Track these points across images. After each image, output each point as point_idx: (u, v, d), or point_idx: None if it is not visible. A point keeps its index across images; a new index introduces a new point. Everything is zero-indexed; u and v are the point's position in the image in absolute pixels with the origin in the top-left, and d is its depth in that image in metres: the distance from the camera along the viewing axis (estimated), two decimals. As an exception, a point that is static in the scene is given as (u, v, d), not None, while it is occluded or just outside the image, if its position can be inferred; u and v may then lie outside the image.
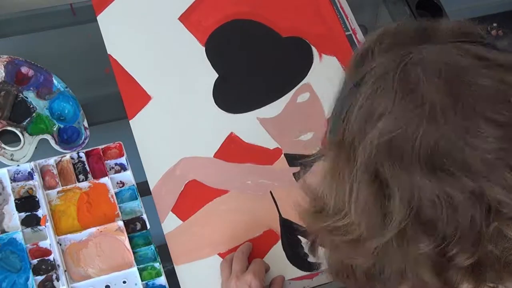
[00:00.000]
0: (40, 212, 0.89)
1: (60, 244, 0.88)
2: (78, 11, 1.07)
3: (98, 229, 0.90)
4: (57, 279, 0.86)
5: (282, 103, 1.05)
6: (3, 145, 0.93)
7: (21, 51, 1.00)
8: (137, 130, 0.99)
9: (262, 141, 1.02)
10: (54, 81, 1.00)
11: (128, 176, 0.95)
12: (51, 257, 0.87)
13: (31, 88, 0.98)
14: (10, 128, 0.94)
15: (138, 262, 0.89)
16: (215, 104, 1.03)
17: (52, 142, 0.95)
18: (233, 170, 0.99)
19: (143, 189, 0.94)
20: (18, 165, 0.92)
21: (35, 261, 0.86)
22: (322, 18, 1.14)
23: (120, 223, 0.90)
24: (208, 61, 1.06)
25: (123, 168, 0.95)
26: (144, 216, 0.92)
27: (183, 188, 0.96)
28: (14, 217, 0.88)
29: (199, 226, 0.94)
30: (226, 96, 1.04)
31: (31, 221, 0.89)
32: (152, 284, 0.89)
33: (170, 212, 0.94)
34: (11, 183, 0.90)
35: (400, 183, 0.51)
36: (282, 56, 1.10)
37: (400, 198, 0.51)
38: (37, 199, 0.90)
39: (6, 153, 0.93)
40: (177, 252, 0.92)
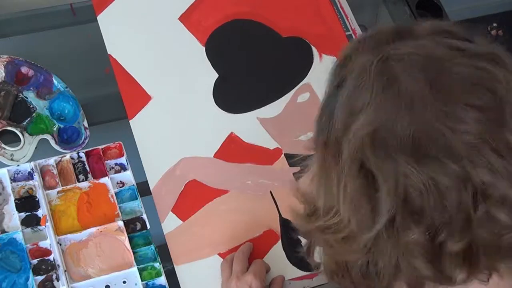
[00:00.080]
0: (40, 212, 0.89)
1: (60, 244, 0.88)
2: (78, 11, 1.07)
3: (98, 229, 0.90)
4: (57, 279, 0.86)
5: (282, 103, 1.05)
6: (3, 145, 0.93)
7: (21, 51, 1.00)
8: (137, 130, 0.99)
9: (262, 141, 1.02)
10: (54, 81, 1.00)
11: (128, 176, 0.95)
12: (51, 257, 0.87)
13: (31, 88, 0.98)
14: (10, 128, 0.94)
15: (138, 262, 0.89)
16: (215, 104, 1.03)
17: (52, 142, 0.95)
18: (233, 170, 0.99)
19: (143, 189, 0.94)
20: (18, 165, 0.92)
21: (35, 261, 0.86)
22: (322, 18, 1.14)
23: (120, 223, 0.90)
24: (208, 61, 1.06)
25: (123, 168, 0.95)
26: (144, 216, 0.92)
27: (183, 188, 0.96)
28: (14, 217, 0.88)
29: (199, 226, 0.94)
30: (226, 96, 1.04)
31: (31, 221, 0.89)
32: (152, 284, 0.89)
33: (170, 212, 0.94)
34: (11, 183, 0.90)
35: (385, 173, 0.51)
36: (282, 56, 1.10)
37: (387, 188, 0.51)
38: (37, 199, 0.90)
39: (6, 153, 0.93)
40: (177, 252, 0.92)
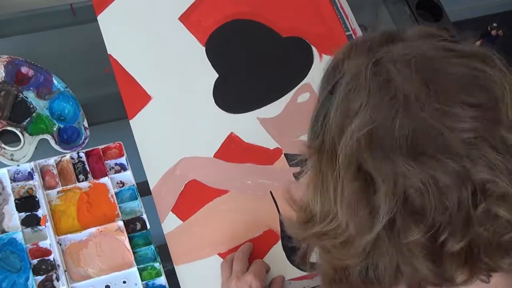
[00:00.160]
0: (40, 212, 0.89)
1: (60, 244, 0.88)
2: (78, 11, 1.07)
3: (98, 229, 0.90)
4: (57, 279, 0.86)
5: (282, 103, 1.05)
6: (3, 145, 0.93)
7: (21, 51, 1.00)
8: (137, 130, 0.99)
9: (262, 141, 1.02)
10: (54, 81, 1.00)
11: (128, 176, 0.95)
12: (51, 257, 0.87)
13: (31, 88, 0.98)
14: (10, 128, 0.94)
15: (138, 262, 0.89)
16: (215, 104, 1.03)
17: (52, 142, 0.95)
18: (233, 170, 0.99)
19: (143, 189, 0.94)
20: (18, 165, 0.92)
21: (35, 261, 0.86)
22: (322, 18, 1.14)
23: (120, 223, 0.90)
24: (208, 61, 1.06)
25: (123, 168, 0.95)
26: (144, 216, 0.92)
27: (183, 188, 0.96)
28: (14, 217, 0.88)
29: (199, 226, 0.94)
30: (226, 96, 1.04)
31: (31, 221, 0.89)
32: (152, 284, 0.89)
33: (170, 212, 0.94)
34: (11, 183, 0.90)
35: (383, 174, 0.51)
36: (282, 56, 1.10)
37: (385, 189, 0.51)
38: (37, 199, 0.90)
39: (6, 153, 0.93)
40: (177, 252, 0.92)
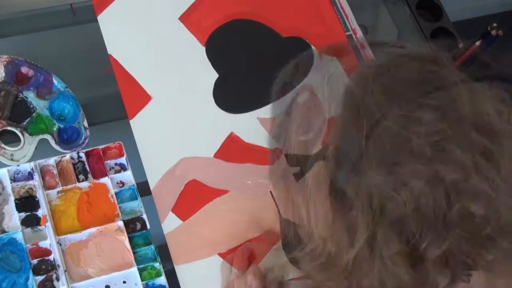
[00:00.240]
0: (40, 212, 0.89)
1: (60, 244, 0.88)
2: (78, 11, 1.07)
3: (98, 229, 0.90)
4: (57, 279, 0.86)
5: (282, 103, 1.05)
6: (3, 145, 0.93)
7: (21, 51, 1.00)
8: (137, 130, 0.99)
9: (262, 141, 1.01)
10: (54, 81, 0.99)
11: (128, 176, 0.95)
12: (51, 257, 0.87)
13: (31, 88, 0.98)
14: (10, 128, 0.94)
15: (138, 262, 0.89)
16: (215, 104, 1.03)
17: (52, 142, 0.95)
18: (233, 170, 0.99)
19: (143, 189, 0.94)
20: (18, 165, 0.92)
21: (35, 261, 0.86)
22: (322, 18, 1.13)
23: (120, 223, 0.90)
24: (208, 61, 1.06)
25: (123, 168, 0.95)
26: (144, 216, 0.92)
27: (183, 188, 0.96)
28: (14, 217, 0.88)
29: (199, 226, 0.94)
30: (226, 96, 1.04)
31: (31, 221, 0.89)
32: (152, 284, 0.89)
33: (170, 212, 0.94)
34: (11, 183, 0.90)
35: (356, 188, 0.51)
36: (282, 56, 1.09)
37: (360, 203, 0.50)
38: (37, 199, 0.90)
39: (6, 153, 0.93)
40: (177, 252, 0.92)
